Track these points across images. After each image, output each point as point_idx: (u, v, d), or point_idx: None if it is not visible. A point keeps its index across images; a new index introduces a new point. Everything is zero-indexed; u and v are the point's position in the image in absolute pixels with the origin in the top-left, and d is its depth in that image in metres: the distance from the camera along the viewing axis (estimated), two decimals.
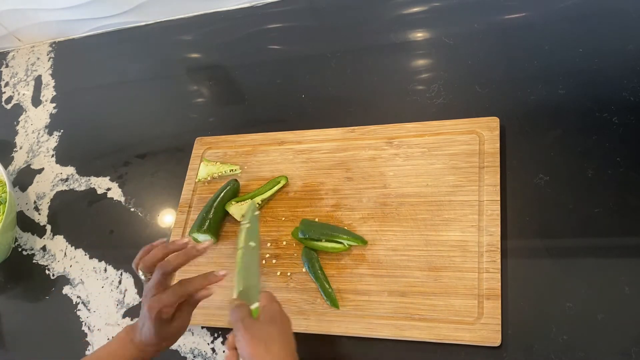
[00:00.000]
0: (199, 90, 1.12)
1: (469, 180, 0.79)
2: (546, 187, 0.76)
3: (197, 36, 1.18)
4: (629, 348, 0.64)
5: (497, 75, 0.88)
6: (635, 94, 0.78)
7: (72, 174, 1.11)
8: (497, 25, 0.93)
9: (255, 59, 1.09)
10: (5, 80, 1.34)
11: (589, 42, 0.85)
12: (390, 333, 0.73)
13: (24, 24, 1.30)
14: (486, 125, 0.81)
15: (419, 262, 0.76)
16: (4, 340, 0.97)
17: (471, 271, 0.73)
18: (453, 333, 0.70)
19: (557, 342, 0.67)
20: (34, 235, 1.07)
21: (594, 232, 0.72)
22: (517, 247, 0.74)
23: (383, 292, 0.76)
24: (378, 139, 0.87)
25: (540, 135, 0.80)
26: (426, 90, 0.91)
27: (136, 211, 1.01)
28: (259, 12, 1.13)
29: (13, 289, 1.03)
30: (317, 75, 1.01)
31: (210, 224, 0.87)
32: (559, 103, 0.82)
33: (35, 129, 1.21)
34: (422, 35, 0.98)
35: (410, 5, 1.01)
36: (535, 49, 0.87)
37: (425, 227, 0.78)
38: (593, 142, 0.77)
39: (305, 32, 1.09)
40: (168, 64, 1.18)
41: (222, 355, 0.82)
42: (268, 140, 0.95)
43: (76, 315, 0.95)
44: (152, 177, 1.04)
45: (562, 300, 0.69)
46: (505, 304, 0.70)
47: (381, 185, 0.83)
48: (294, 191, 0.89)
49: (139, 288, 0.93)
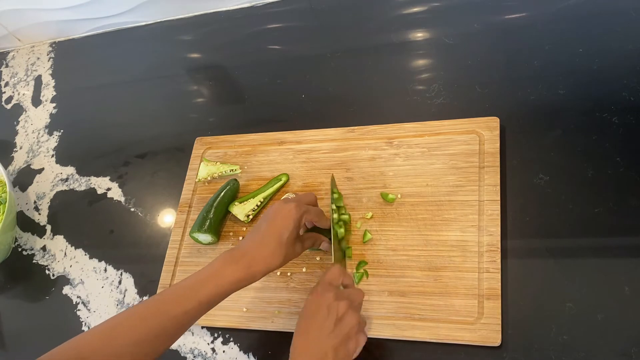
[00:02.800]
0: (199, 90, 1.12)
1: (469, 180, 0.79)
2: (546, 187, 0.76)
3: (197, 36, 1.18)
4: (629, 348, 0.64)
5: (497, 75, 0.88)
6: (635, 94, 0.78)
7: (72, 174, 1.11)
8: (497, 25, 0.93)
9: (255, 59, 1.09)
10: (5, 80, 1.34)
11: (589, 42, 0.85)
12: (390, 333, 0.73)
13: (24, 24, 1.30)
14: (486, 125, 0.81)
15: (419, 262, 0.76)
16: (4, 340, 0.97)
17: (471, 271, 0.73)
18: (453, 333, 0.70)
19: (557, 342, 0.67)
20: (34, 235, 1.07)
21: (594, 232, 0.72)
22: (517, 247, 0.74)
23: (383, 292, 0.76)
24: (378, 139, 0.87)
25: (540, 135, 0.80)
26: (426, 90, 0.91)
27: (136, 211, 1.01)
28: (259, 12, 1.13)
29: (13, 289, 1.03)
30: (317, 75, 1.01)
31: (210, 223, 0.87)
32: (559, 103, 0.82)
33: (35, 129, 1.21)
34: (422, 35, 0.98)
35: (410, 5, 1.01)
36: (535, 49, 0.87)
37: (425, 227, 0.78)
38: (593, 142, 0.77)
39: (305, 32, 1.09)
40: (168, 64, 1.18)
41: (222, 355, 0.82)
42: (268, 140, 0.95)
43: (76, 315, 0.95)
44: (152, 177, 1.04)
45: (562, 300, 0.69)
46: (505, 303, 0.70)
47: (381, 185, 0.83)
48: (294, 191, 0.89)
49: (139, 288, 0.93)
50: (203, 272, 0.66)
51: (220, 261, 0.66)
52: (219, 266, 0.66)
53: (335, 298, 0.63)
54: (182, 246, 0.91)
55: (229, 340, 0.83)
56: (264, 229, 0.68)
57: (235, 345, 0.82)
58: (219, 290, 0.64)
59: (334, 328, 0.61)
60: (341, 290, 0.66)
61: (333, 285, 0.66)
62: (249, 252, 0.67)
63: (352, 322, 0.62)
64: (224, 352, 0.82)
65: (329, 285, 0.65)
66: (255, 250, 0.67)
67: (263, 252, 0.67)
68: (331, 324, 0.61)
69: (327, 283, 0.66)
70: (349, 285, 0.69)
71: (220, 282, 0.64)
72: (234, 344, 0.82)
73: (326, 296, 0.63)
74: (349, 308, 0.63)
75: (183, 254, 0.90)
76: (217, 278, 0.64)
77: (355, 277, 0.78)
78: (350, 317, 0.63)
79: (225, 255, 0.67)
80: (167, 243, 0.92)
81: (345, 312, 0.63)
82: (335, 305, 0.62)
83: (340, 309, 0.62)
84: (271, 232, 0.68)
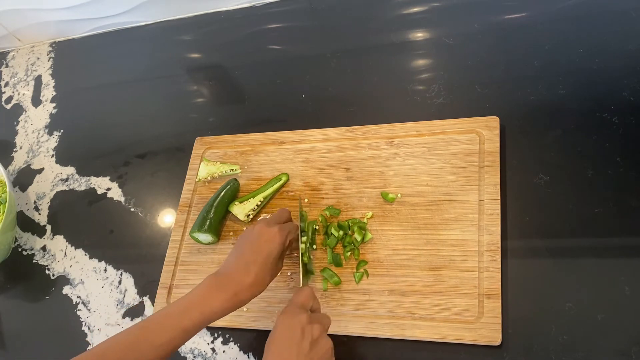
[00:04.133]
0: (199, 90, 1.12)
1: (469, 180, 0.79)
2: (546, 187, 0.76)
3: (197, 36, 1.18)
4: (629, 348, 0.64)
5: (497, 75, 0.88)
6: (635, 94, 0.79)
7: (72, 174, 1.11)
8: (497, 25, 0.93)
9: (255, 59, 1.09)
10: (5, 80, 1.34)
11: (589, 42, 0.85)
12: (390, 332, 0.73)
13: (24, 24, 1.30)
14: (486, 124, 0.81)
15: (419, 261, 0.76)
16: (4, 340, 0.97)
17: (471, 270, 0.73)
18: (453, 332, 0.70)
19: (557, 341, 0.67)
20: (34, 235, 1.07)
21: (594, 232, 0.72)
22: (517, 246, 0.74)
23: (383, 292, 0.76)
24: (378, 139, 0.87)
25: (540, 135, 0.80)
26: (426, 90, 0.91)
27: (136, 211, 1.01)
28: (259, 12, 1.13)
29: (13, 289, 1.03)
30: (317, 75, 1.01)
31: (210, 223, 0.87)
32: (559, 103, 0.82)
33: (35, 129, 1.21)
34: (422, 35, 0.98)
35: (410, 5, 1.01)
36: (535, 49, 0.87)
37: (425, 226, 0.78)
38: (593, 142, 0.77)
39: (305, 32, 1.09)
40: (168, 64, 1.18)
41: (222, 355, 0.82)
42: (268, 140, 0.95)
43: (76, 315, 0.94)
44: (152, 177, 1.04)
45: (562, 300, 0.69)
46: (505, 303, 0.70)
47: (381, 184, 0.83)
48: (294, 190, 0.89)
49: (139, 288, 0.93)
50: (188, 298, 0.65)
51: (205, 288, 0.65)
52: (204, 293, 0.65)
53: (308, 321, 0.62)
54: (182, 246, 0.91)
55: (229, 340, 0.83)
56: (249, 255, 0.67)
57: (235, 345, 0.82)
58: (203, 317, 0.63)
59: (309, 350, 0.60)
60: (312, 314, 0.65)
61: (304, 308, 0.65)
62: (234, 279, 0.66)
63: (327, 346, 0.62)
64: (224, 352, 0.82)
65: (301, 308, 0.64)
66: (241, 277, 0.66)
67: (249, 279, 0.66)
68: (307, 345, 0.60)
69: (298, 305, 0.65)
70: (317, 309, 0.68)
71: (205, 309, 0.63)
72: (234, 343, 0.82)
73: (299, 318, 0.62)
74: (323, 332, 0.62)
75: (183, 254, 0.90)
76: (202, 305, 0.64)
77: (355, 277, 0.78)
78: (325, 341, 0.62)
79: (211, 281, 0.66)
80: (167, 243, 0.92)
81: (319, 335, 0.61)
82: (309, 328, 0.61)
83: (314, 331, 0.61)
84: (257, 258, 0.67)
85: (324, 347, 0.61)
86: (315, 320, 0.63)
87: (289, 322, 0.62)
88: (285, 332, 0.61)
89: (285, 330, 0.61)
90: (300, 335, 0.60)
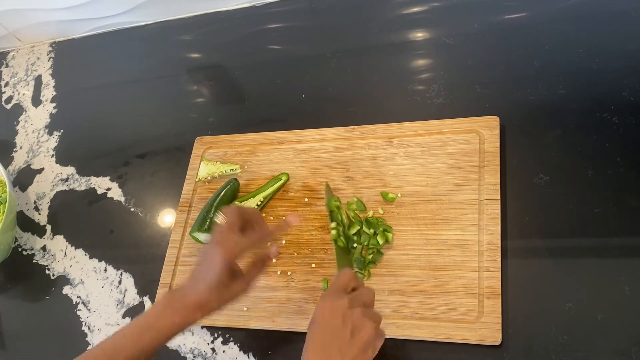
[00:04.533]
0: (199, 90, 1.12)
1: (469, 179, 0.79)
2: (546, 187, 0.76)
3: (197, 36, 1.18)
4: (629, 348, 0.64)
5: (497, 75, 0.88)
6: (635, 94, 0.79)
7: (72, 174, 1.11)
8: (497, 25, 0.93)
9: (255, 59, 1.09)
10: (5, 80, 1.34)
11: (589, 42, 0.85)
12: (390, 332, 0.73)
13: (24, 24, 1.30)
14: (486, 124, 0.81)
15: (419, 261, 0.76)
16: (4, 340, 0.97)
17: (471, 270, 0.73)
18: (453, 332, 0.70)
19: (557, 341, 0.67)
20: (34, 235, 1.07)
21: (594, 232, 0.72)
22: (517, 246, 0.74)
23: (383, 291, 0.76)
24: (378, 139, 0.87)
25: (540, 135, 0.80)
26: (426, 90, 0.91)
27: (136, 211, 1.01)
28: (259, 12, 1.13)
29: (13, 289, 1.03)
30: (317, 75, 1.01)
31: (211, 223, 0.87)
32: (559, 103, 0.82)
33: (35, 129, 1.21)
34: (422, 35, 0.98)
35: (410, 5, 1.01)
36: (535, 49, 0.87)
37: (425, 226, 0.78)
38: (593, 142, 0.77)
39: (305, 32, 1.09)
40: (168, 64, 1.18)
41: (222, 355, 0.82)
42: (268, 139, 0.95)
43: (76, 315, 0.94)
44: (152, 177, 1.04)
45: (562, 300, 0.69)
46: (505, 303, 0.70)
47: (381, 184, 0.83)
48: (294, 190, 0.89)
49: (139, 288, 0.93)
50: (144, 317, 0.65)
51: (160, 307, 0.66)
52: (159, 312, 0.65)
53: (349, 305, 0.60)
54: (182, 246, 0.91)
55: (229, 340, 0.83)
56: (196, 274, 0.67)
57: (235, 345, 0.82)
58: (160, 336, 0.64)
59: (351, 338, 0.58)
60: (353, 295, 0.62)
61: (345, 291, 0.63)
62: (185, 298, 0.65)
63: (369, 330, 0.59)
64: (224, 352, 0.82)
65: (342, 292, 0.62)
66: (190, 297, 0.65)
67: (195, 299, 0.65)
68: (348, 333, 0.58)
69: (339, 289, 0.63)
70: (359, 286, 0.65)
71: (161, 328, 0.64)
72: (234, 343, 0.82)
73: (339, 303, 0.60)
74: (364, 315, 0.60)
75: (183, 254, 0.90)
76: (157, 324, 0.64)
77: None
78: (366, 325, 0.59)
79: (166, 300, 0.66)
80: (167, 243, 0.92)
81: (361, 320, 0.59)
82: (350, 313, 0.59)
83: (355, 316, 0.59)
84: (201, 279, 0.66)
85: (367, 332, 0.59)
86: (356, 303, 0.61)
87: (328, 308, 0.60)
88: (324, 320, 0.60)
89: (325, 317, 0.60)
90: (340, 323, 0.58)
